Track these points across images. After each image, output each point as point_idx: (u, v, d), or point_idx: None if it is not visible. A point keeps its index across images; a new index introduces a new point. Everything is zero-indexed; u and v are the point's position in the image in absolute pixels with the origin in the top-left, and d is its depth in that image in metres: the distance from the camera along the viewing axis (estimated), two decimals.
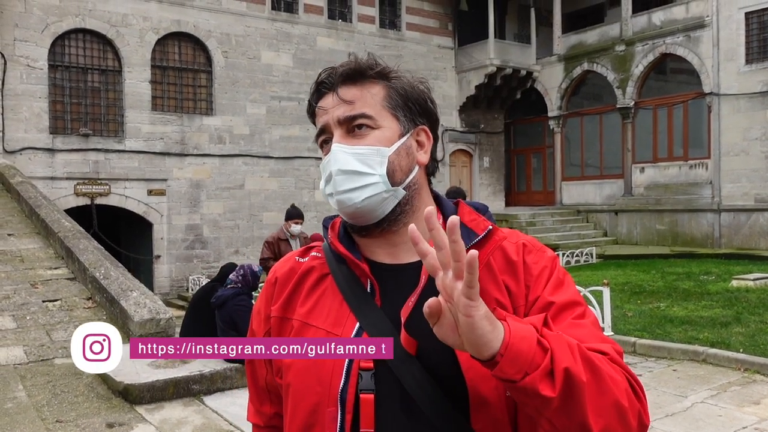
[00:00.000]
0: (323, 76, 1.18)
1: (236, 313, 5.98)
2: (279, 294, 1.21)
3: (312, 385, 1.09)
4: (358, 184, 1.11)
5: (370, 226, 1.14)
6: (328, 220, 1.25)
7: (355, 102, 1.13)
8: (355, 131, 1.13)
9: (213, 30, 17.30)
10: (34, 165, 14.89)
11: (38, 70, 15.08)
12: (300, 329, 1.14)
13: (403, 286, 1.11)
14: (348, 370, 1.07)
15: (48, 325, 7.20)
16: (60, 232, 9.35)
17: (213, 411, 5.29)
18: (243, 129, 17.70)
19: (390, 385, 1.06)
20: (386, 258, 1.16)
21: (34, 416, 5.01)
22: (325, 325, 1.12)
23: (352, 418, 1.05)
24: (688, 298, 10.12)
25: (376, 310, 1.11)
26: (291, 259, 1.25)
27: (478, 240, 1.14)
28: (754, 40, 17.08)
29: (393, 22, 20.79)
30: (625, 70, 19.76)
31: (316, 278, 1.19)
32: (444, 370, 1.05)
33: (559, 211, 20.97)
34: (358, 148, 1.12)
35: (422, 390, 1.05)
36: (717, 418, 5.28)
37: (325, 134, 1.17)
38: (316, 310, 1.15)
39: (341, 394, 1.06)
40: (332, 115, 1.14)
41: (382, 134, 1.13)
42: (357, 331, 1.09)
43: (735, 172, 17.37)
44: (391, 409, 1.06)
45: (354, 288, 1.14)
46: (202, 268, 16.81)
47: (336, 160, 1.12)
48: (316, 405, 1.08)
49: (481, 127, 22.57)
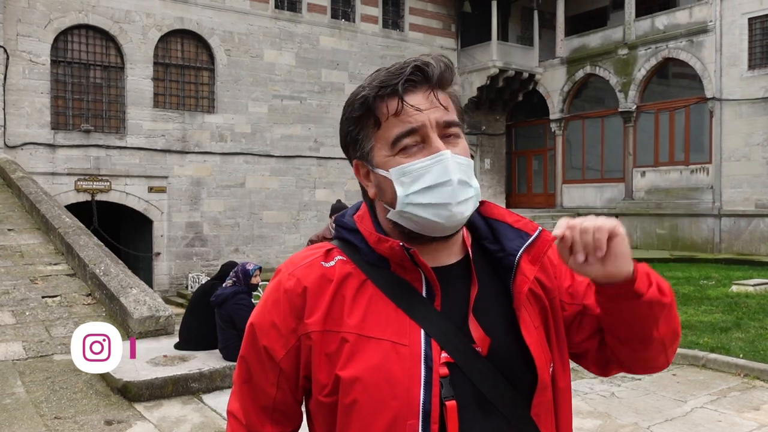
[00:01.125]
0: (410, 71, 1.06)
1: (236, 311, 5.97)
2: (314, 305, 1.09)
3: (387, 400, 1.03)
4: (468, 195, 1.08)
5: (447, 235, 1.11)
6: (346, 220, 1.18)
7: (448, 108, 1.09)
8: (447, 139, 1.09)
9: (216, 28, 17.29)
10: (35, 160, 14.88)
11: (40, 66, 15.07)
12: (357, 342, 1.06)
13: (454, 287, 1.11)
14: (428, 380, 1.04)
15: (47, 321, 7.19)
16: (60, 227, 9.34)
17: (212, 409, 5.28)
18: (244, 127, 17.69)
19: (464, 388, 1.06)
20: (430, 261, 1.11)
21: (32, 412, 5.00)
22: (387, 336, 1.06)
23: (438, 428, 1.03)
24: (688, 302, 10.11)
25: (438, 314, 1.08)
26: (315, 265, 1.13)
27: (533, 239, 1.15)
28: (757, 46, 17.06)
29: (396, 23, 20.78)
30: (628, 73, 19.76)
31: (356, 285, 1.10)
32: (513, 364, 1.10)
33: (560, 213, 20.95)
34: (462, 158, 1.08)
35: (495, 388, 1.07)
36: (717, 424, 5.27)
37: (412, 136, 1.07)
38: (369, 320, 1.07)
39: (424, 406, 1.03)
40: (429, 116, 1.06)
41: (465, 144, 1.12)
42: (425, 337, 1.06)
43: (736, 178, 17.37)
44: (470, 412, 1.06)
45: (403, 293, 1.09)
46: (201, 266, 16.80)
47: (456, 168, 1.06)
48: (393, 420, 1.03)
49: (482, 129, 22.57)
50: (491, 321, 1.11)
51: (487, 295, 1.13)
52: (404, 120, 1.06)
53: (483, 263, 1.16)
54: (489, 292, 1.13)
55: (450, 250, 1.14)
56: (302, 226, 18.30)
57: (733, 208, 17.36)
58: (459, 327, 1.08)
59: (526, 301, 1.13)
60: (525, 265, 1.13)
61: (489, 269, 1.16)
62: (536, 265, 1.14)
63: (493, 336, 1.09)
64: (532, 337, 1.11)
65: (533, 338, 1.11)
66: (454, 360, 1.06)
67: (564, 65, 21.64)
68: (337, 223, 1.19)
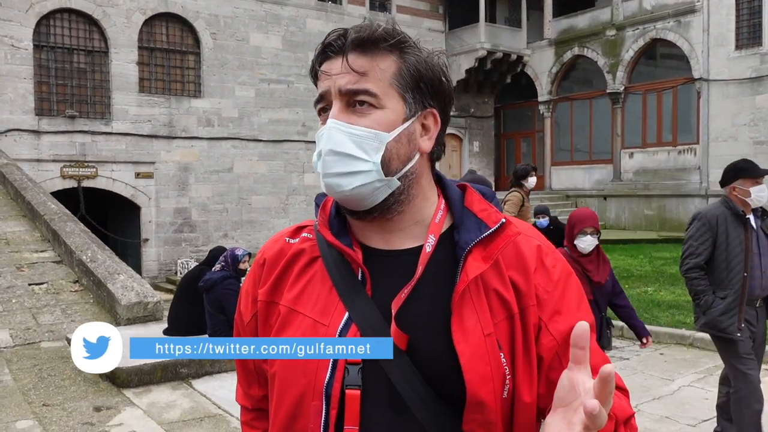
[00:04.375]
0: (332, 37, 1.04)
1: (224, 296, 5.95)
2: (267, 276, 1.14)
3: (297, 376, 1.04)
4: (350, 169, 1.02)
5: (361, 212, 1.06)
6: (321, 198, 1.16)
7: (363, 74, 1.02)
8: (355, 107, 1.03)
9: (201, 11, 17.08)
10: (20, 147, 14.70)
11: (23, 51, 14.84)
12: (287, 315, 1.08)
13: (396, 275, 1.05)
14: (334, 364, 1.01)
15: (34, 309, 7.14)
16: (46, 214, 9.25)
17: (201, 394, 5.27)
18: (231, 112, 17.55)
19: (377, 380, 1.01)
20: (380, 243, 1.09)
21: (20, 400, 4.97)
22: (312, 313, 1.06)
23: (336, 414, 1.01)
24: (675, 282, 10.18)
25: (366, 300, 1.04)
26: (281, 240, 1.17)
27: (489, 233, 1.06)
28: (744, 26, 17.08)
29: (383, 5, 20.62)
30: (616, 55, 19.74)
31: (305, 262, 1.12)
32: (435, 367, 1.01)
33: (548, 195, 21.01)
34: (356, 128, 1.02)
35: (411, 387, 1.00)
36: (704, 401, 5.33)
37: (324, 102, 1.06)
38: (304, 296, 1.08)
39: (326, 389, 1.01)
40: (335, 82, 1.03)
41: (384, 116, 1.03)
42: (345, 321, 1.03)
43: (723, 158, 17.35)
44: (378, 406, 1.01)
45: (344, 274, 1.07)
46: (190, 252, 16.73)
47: (329, 138, 1.02)
48: (301, 397, 1.04)
49: (471, 112, 22.53)
50: (424, 317, 1.03)
51: (434, 288, 1.04)
52: (320, 86, 1.07)
53: (448, 254, 1.07)
54: (438, 286, 1.04)
55: (405, 232, 1.09)
56: (291, 211, 18.24)
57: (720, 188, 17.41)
58: (387, 317, 1.02)
59: (471, 301, 1.02)
60: (472, 261, 1.03)
61: (451, 261, 1.06)
62: (488, 262, 1.04)
63: (418, 333, 1.01)
64: (469, 344, 1.00)
65: (470, 345, 1.00)
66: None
67: (552, 47, 21.59)
68: (315, 201, 1.19)
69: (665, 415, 5.09)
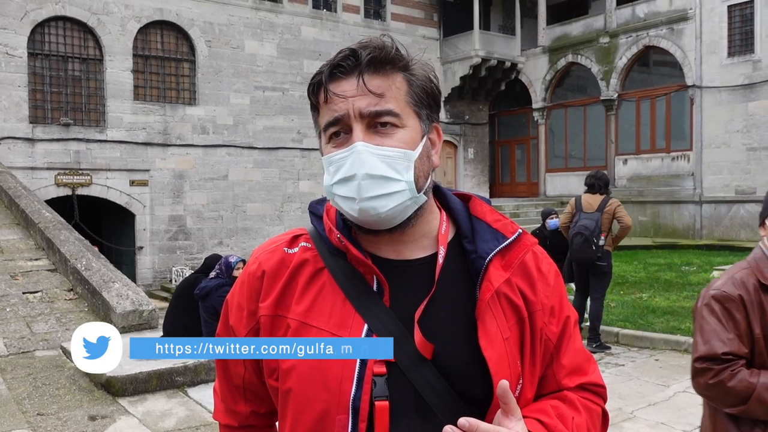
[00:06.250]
0: (341, 57, 1.03)
1: (220, 304, 5.94)
2: (269, 289, 1.10)
3: (318, 391, 1.02)
4: (386, 191, 1.01)
5: (381, 230, 1.06)
6: (318, 207, 1.16)
7: (381, 95, 1.02)
8: (377, 128, 1.02)
9: (196, 18, 17.11)
10: (14, 155, 14.67)
11: (17, 59, 14.83)
12: (298, 329, 1.06)
13: (411, 285, 1.06)
14: (360, 376, 1.01)
15: (28, 317, 7.10)
16: (40, 222, 9.22)
17: (197, 403, 5.25)
18: (226, 119, 17.55)
19: (404, 390, 1.02)
20: (391, 254, 1.09)
21: (14, 409, 4.94)
22: (328, 326, 1.04)
23: (366, 427, 1.00)
24: (670, 288, 10.22)
25: (384, 310, 1.04)
26: (279, 251, 1.14)
27: (508, 243, 1.09)
28: (737, 33, 17.20)
29: (378, 13, 20.69)
30: (609, 62, 19.85)
31: (311, 272, 1.09)
32: (461, 373, 1.03)
33: (543, 202, 21.03)
34: (387, 149, 1.01)
35: (436, 393, 1.02)
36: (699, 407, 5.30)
37: (339, 125, 1.04)
38: (315, 309, 1.06)
39: (353, 402, 1.00)
40: (353, 105, 1.01)
41: (407, 134, 1.04)
42: (366, 332, 1.03)
43: (716, 164, 17.53)
44: (406, 415, 1.02)
45: (356, 284, 1.06)
46: (185, 260, 16.70)
47: (363, 162, 1.00)
48: (323, 412, 1.02)
49: (465, 119, 22.58)
50: (445, 325, 1.05)
51: (450, 297, 1.07)
52: (332, 108, 1.04)
53: (458, 263, 1.10)
54: (454, 295, 1.07)
55: (415, 244, 1.10)
56: (286, 218, 18.24)
57: (713, 194, 17.54)
58: (408, 326, 1.03)
59: (490, 308, 1.05)
60: (494, 270, 1.07)
61: (464, 270, 1.09)
62: (508, 271, 1.08)
63: (442, 341, 1.03)
64: (494, 349, 1.04)
65: (495, 350, 1.04)
66: (395, 359, 1.01)
67: (546, 54, 21.68)
68: (309, 210, 1.18)
69: (660, 421, 5.10)
